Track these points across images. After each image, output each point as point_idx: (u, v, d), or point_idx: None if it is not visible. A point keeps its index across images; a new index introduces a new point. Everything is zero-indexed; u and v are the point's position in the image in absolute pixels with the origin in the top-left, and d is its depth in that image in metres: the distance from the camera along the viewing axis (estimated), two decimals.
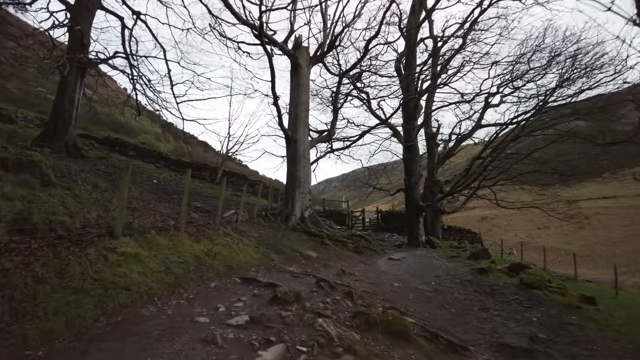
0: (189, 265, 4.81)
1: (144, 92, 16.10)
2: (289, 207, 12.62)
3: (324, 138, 15.09)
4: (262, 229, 9.94)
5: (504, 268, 8.12)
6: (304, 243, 10.03)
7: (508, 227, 61.21)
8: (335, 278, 5.89)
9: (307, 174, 13.21)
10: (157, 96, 15.87)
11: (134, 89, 15.82)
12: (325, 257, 8.87)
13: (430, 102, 18.14)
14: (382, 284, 6.42)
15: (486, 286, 6.83)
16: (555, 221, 56.90)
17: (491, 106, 19.24)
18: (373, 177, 20.84)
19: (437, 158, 18.42)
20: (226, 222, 9.07)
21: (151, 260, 4.40)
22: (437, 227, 17.58)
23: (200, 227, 6.97)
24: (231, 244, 6.61)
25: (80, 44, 13.58)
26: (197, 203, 9.90)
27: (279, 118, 12.59)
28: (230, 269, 5.37)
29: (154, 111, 16.53)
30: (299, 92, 13.60)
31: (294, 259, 7.55)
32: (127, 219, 5.38)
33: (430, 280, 7.31)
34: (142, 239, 4.94)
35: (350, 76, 15.96)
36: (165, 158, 23.16)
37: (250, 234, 8.58)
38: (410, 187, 15.56)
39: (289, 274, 5.86)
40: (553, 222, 56.63)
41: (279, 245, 8.31)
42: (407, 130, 15.55)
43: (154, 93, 15.87)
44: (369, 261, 9.69)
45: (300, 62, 13.78)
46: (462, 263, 9.57)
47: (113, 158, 19.09)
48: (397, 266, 9.04)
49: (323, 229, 12.45)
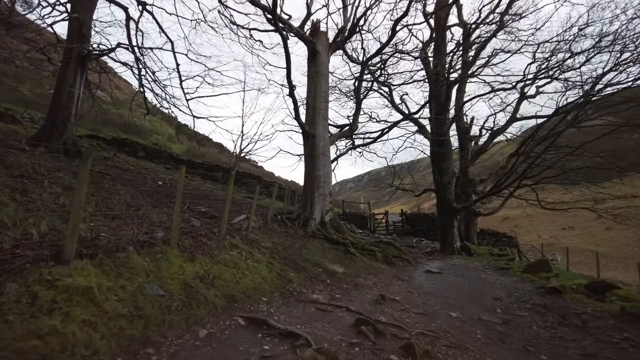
0: (172, 300, 3.36)
1: (151, 88, 14.91)
2: (308, 211, 11.15)
3: (346, 133, 13.53)
4: (277, 237, 8.49)
5: (580, 287, 6.42)
6: (326, 253, 8.53)
7: (531, 227, 58.76)
8: (375, 310, 4.37)
9: (327, 172, 11.71)
10: (165, 92, 14.59)
11: (141, 85, 14.55)
12: (353, 271, 7.34)
13: (461, 93, 16.38)
14: (435, 314, 4.84)
15: (571, 315, 5.17)
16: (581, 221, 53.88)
17: (527, 97, 17.41)
18: (395, 176, 19.15)
19: (470, 154, 16.64)
20: (235, 229, 7.65)
21: (113, 296, 2.97)
22: (472, 231, 15.79)
23: (200, 238, 5.54)
24: (237, 261, 5.14)
25: (79, 34, 12.46)
26: (202, 207, 8.51)
27: (296, 111, 11.10)
28: (233, 302, 3.89)
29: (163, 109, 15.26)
30: (317, 82, 12.12)
31: (316, 277, 6.03)
32: (94, 233, 3.99)
33: (491, 304, 5.69)
34: (110, 261, 3.52)
35: (370, 70, 14.38)
36: (175, 159, 22.03)
37: (263, 244, 7.13)
38: (442, 187, 13.85)
39: (313, 305, 4.34)
40: (578, 223, 54.02)
41: (298, 259, 6.82)
42: (438, 123, 13.84)
43: (162, 89, 14.59)
44: (404, 275, 8.10)
45: (318, 48, 12.30)
46: (517, 278, 7.86)
47: (119, 158, 18.05)
48: (440, 282, 7.43)
49: (346, 235, 10.93)
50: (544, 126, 14.45)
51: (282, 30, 10.66)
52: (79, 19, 12.23)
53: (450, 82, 13.85)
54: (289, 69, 10.48)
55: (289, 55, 10.32)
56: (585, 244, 51.51)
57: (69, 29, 12.57)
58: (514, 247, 18.57)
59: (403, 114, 15.42)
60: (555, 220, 56.85)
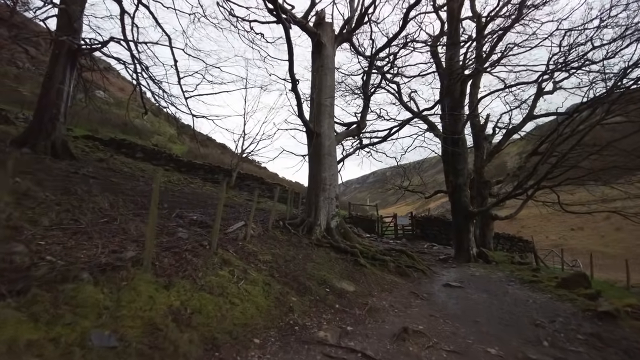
0: (127, 354, 2.45)
1: (148, 86, 14.05)
2: (312, 216, 10.23)
3: (353, 131, 12.58)
4: (278, 247, 7.58)
5: (636, 309, 5.42)
6: (334, 265, 7.60)
7: (538, 228, 57.65)
8: (398, 350, 3.45)
9: (333, 174, 10.79)
10: (163, 90, 13.68)
11: (138, 83, 13.65)
12: (365, 289, 6.39)
13: (476, 89, 15.38)
14: (470, 351, 3.88)
15: (637, 353, 4.20)
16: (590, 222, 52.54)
17: (545, 93, 16.38)
18: (402, 177, 18.15)
19: (485, 154, 15.61)
20: (230, 240, 6.74)
21: (33, 358, 2.07)
22: (488, 236, 14.77)
23: (184, 254, 4.64)
24: (227, 284, 4.22)
25: (68, 27, 11.65)
26: (194, 214, 7.60)
27: (299, 108, 10.15)
28: (213, 349, 2.94)
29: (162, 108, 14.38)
30: (322, 76, 11.20)
31: (323, 300, 5.09)
32: (36, 257, 3.10)
33: (534, 334, 4.71)
34: (49, 297, 2.63)
35: (378, 66, 13.41)
36: (175, 160, 21.23)
37: (261, 257, 6.22)
38: (457, 189, 12.84)
39: (320, 349, 3.39)
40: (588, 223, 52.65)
41: (301, 275, 5.89)
42: (453, 120, 12.84)
43: (159, 86, 13.68)
44: (422, 291, 7.15)
45: (323, 40, 11.39)
46: (552, 295, 6.83)
47: (115, 160, 17.25)
48: (465, 300, 6.47)
49: (355, 243, 9.99)
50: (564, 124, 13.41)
51: (285, 20, 9.77)
52: (67, 11, 11.43)
53: (466, 76, 12.85)
54: (292, 61, 9.56)
55: (291, 46, 9.40)
56: (595, 245, 50.25)
57: (57, 21, 11.76)
58: (529, 252, 17.48)
59: (413, 112, 14.44)
60: (564, 221, 55.60)
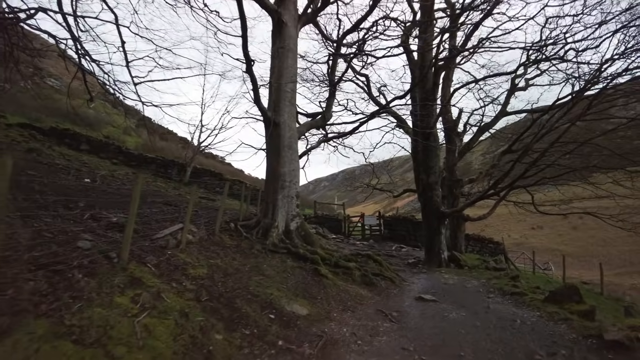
0: None
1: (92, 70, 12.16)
2: (269, 217, 8.95)
3: (317, 122, 11.37)
4: (221, 256, 6.25)
5: (635, 331, 4.56)
6: (288, 277, 6.36)
7: (501, 227, 59.27)
8: None
9: (293, 170, 9.54)
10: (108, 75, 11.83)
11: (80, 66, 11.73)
12: (322, 310, 5.18)
13: (448, 82, 14.59)
14: None
15: None
16: (549, 221, 54.26)
17: (518, 89, 15.92)
18: (371, 175, 17.23)
19: (457, 151, 14.87)
20: (156, 248, 5.35)
21: None
22: (460, 238, 14.02)
23: (70, 273, 3.25)
24: (116, 321, 2.87)
25: None
26: (115, 216, 6.11)
27: (255, 93, 8.77)
28: None
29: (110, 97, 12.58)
30: (284, 58, 9.90)
31: (262, 333, 3.81)
32: None
33: None
34: None
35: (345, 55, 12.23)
36: (125, 153, 19.27)
37: (192, 272, 4.87)
38: (428, 187, 11.93)
39: None
40: (547, 222, 54.39)
41: (240, 296, 4.60)
42: (424, 114, 11.89)
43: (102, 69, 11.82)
44: (390, 308, 6.04)
45: (284, 19, 10.09)
46: (541, 312, 5.89)
47: (54, 152, 15.13)
48: (441, 321, 5.41)
49: (316, 248, 8.79)
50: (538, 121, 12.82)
51: None
52: None
53: (439, 66, 11.95)
54: (245, 37, 8.17)
55: (244, 19, 8.02)
56: (553, 243, 52.12)
57: None
58: (500, 254, 17.00)
59: (382, 106, 13.41)
60: (524, 220, 57.23)
